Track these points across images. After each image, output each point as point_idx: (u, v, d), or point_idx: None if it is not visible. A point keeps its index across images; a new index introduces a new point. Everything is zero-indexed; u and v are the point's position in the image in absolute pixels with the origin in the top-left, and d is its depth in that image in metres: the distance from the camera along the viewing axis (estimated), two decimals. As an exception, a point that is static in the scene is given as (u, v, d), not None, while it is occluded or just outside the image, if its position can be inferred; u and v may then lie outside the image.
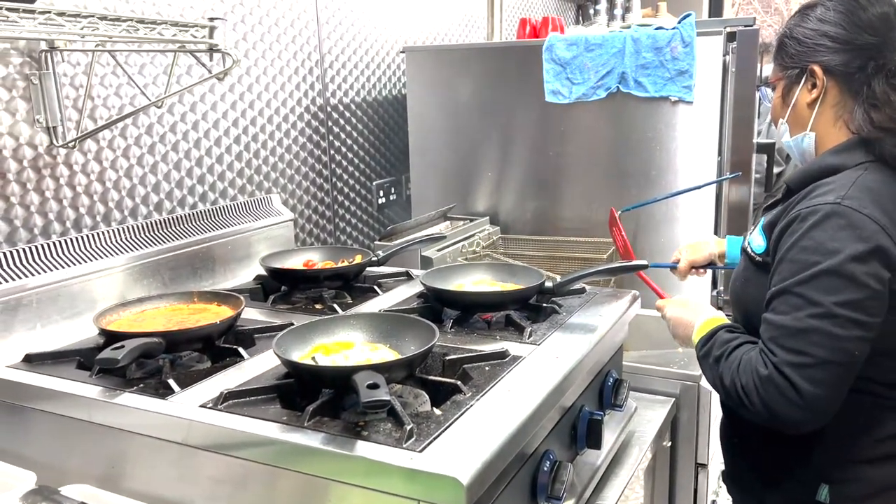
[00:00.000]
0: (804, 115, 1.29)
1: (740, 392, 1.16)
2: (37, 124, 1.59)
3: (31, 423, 1.30)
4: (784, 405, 1.11)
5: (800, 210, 1.17)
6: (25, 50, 1.56)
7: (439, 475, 0.95)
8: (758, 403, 1.14)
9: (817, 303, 1.10)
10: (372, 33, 2.65)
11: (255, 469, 1.09)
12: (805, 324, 1.11)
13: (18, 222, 1.58)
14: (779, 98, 1.33)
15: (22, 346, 1.42)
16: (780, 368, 1.11)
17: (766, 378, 1.12)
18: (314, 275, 1.75)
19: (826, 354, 1.09)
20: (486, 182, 2.58)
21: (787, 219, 1.19)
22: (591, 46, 2.28)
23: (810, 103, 1.28)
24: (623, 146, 2.35)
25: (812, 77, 1.26)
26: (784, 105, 1.32)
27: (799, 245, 1.14)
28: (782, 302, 1.14)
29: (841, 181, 1.18)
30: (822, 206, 1.14)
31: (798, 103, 1.29)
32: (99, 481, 1.21)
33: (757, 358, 1.16)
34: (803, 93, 1.28)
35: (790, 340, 1.11)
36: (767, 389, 1.12)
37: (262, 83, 2.19)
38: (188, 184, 1.97)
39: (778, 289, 1.15)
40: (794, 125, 1.32)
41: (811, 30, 1.26)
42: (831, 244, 1.11)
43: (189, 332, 1.34)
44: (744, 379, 1.16)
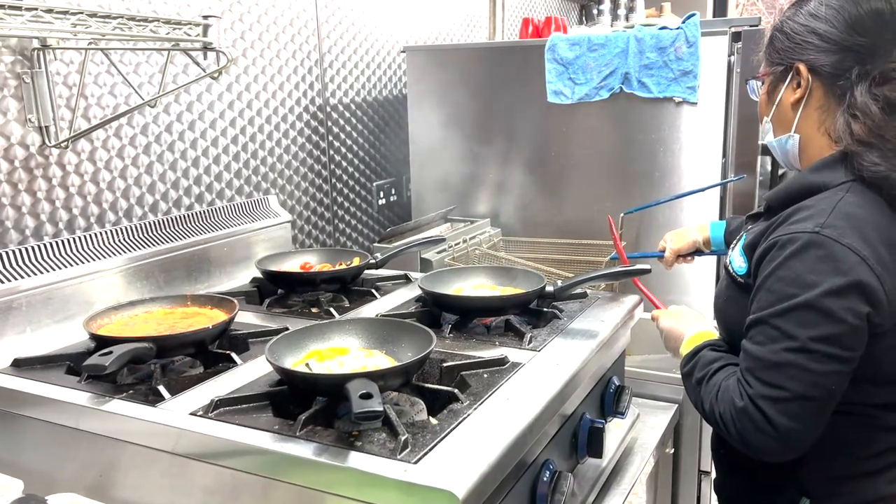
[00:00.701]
0: (788, 116, 1.23)
1: (718, 420, 1.15)
2: (29, 124, 1.57)
3: (18, 429, 1.27)
4: (758, 437, 1.09)
5: (779, 236, 1.12)
6: (17, 48, 1.53)
7: (434, 489, 0.92)
8: (734, 433, 1.12)
9: (793, 336, 1.07)
10: (372, 32, 2.62)
11: (246, 479, 1.06)
12: (781, 357, 1.07)
13: (10, 223, 1.55)
14: (765, 94, 1.28)
15: (11, 350, 1.39)
16: (755, 401, 1.08)
17: (741, 410, 1.10)
18: (311, 278, 1.72)
19: (802, 389, 1.06)
20: (487, 183, 2.55)
21: (767, 244, 1.14)
22: (594, 46, 2.25)
23: (794, 103, 1.21)
24: (626, 147, 2.32)
25: (797, 76, 1.20)
26: (769, 102, 1.26)
27: (776, 275, 1.10)
28: (759, 332, 1.11)
29: (821, 205, 1.12)
30: (801, 235, 1.09)
31: (783, 102, 1.23)
32: (87, 490, 1.18)
33: (735, 388, 1.13)
34: (788, 91, 1.22)
35: (766, 373, 1.09)
36: (742, 421, 1.10)
37: (261, 82, 2.16)
38: (184, 184, 1.94)
39: (755, 318, 1.12)
40: (778, 125, 1.26)
41: (801, 25, 1.19)
42: (809, 277, 1.07)
43: (181, 337, 1.31)
44: (721, 407, 1.14)
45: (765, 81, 1.27)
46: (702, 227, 1.77)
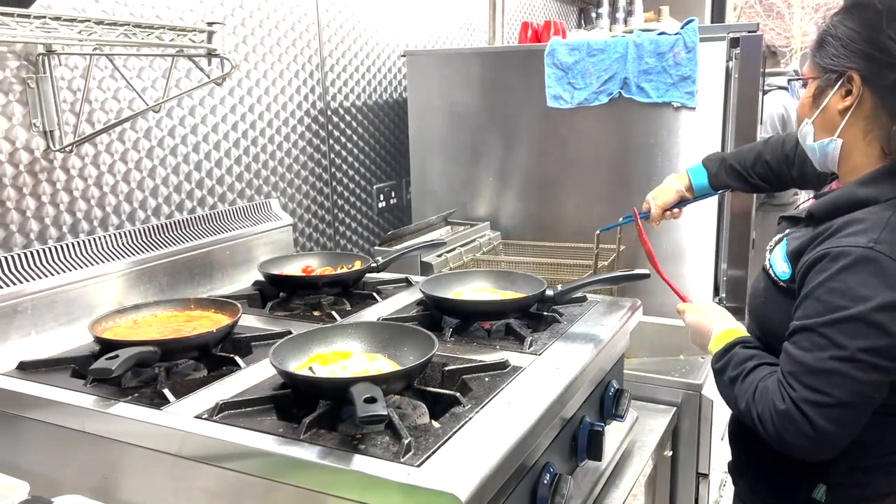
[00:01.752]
0: (834, 121, 1.22)
1: (755, 419, 1.18)
2: (34, 128, 1.58)
3: (24, 432, 1.28)
4: (798, 439, 1.12)
5: (830, 248, 1.14)
6: (22, 53, 1.54)
7: (437, 491, 0.93)
8: (772, 433, 1.15)
9: (841, 346, 1.10)
10: (373, 37, 2.64)
11: (250, 482, 1.07)
12: (827, 365, 1.11)
13: (14, 227, 1.56)
14: (809, 98, 1.26)
15: (16, 353, 1.40)
16: (798, 404, 1.12)
17: (783, 412, 1.13)
18: (313, 281, 1.73)
19: (845, 396, 1.10)
20: (487, 187, 2.57)
21: (816, 254, 1.15)
22: (593, 51, 2.27)
23: (842, 110, 1.20)
24: (625, 152, 2.33)
25: (849, 83, 1.18)
26: (814, 106, 1.25)
27: (827, 286, 1.12)
28: (805, 338, 1.14)
29: (872, 219, 1.14)
30: (854, 249, 1.11)
31: (829, 107, 1.22)
32: (92, 492, 1.19)
33: (775, 389, 1.16)
34: (836, 98, 1.21)
35: (810, 378, 1.12)
36: (783, 423, 1.13)
37: (263, 86, 2.18)
38: (186, 188, 1.95)
39: (802, 325, 1.15)
40: (821, 129, 1.25)
41: (856, 32, 1.17)
42: (861, 290, 1.10)
43: (185, 341, 1.32)
44: (760, 407, 1.17)
45: (809, 84, 1.25)
46: (680, 176, 1.81)
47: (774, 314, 1.26)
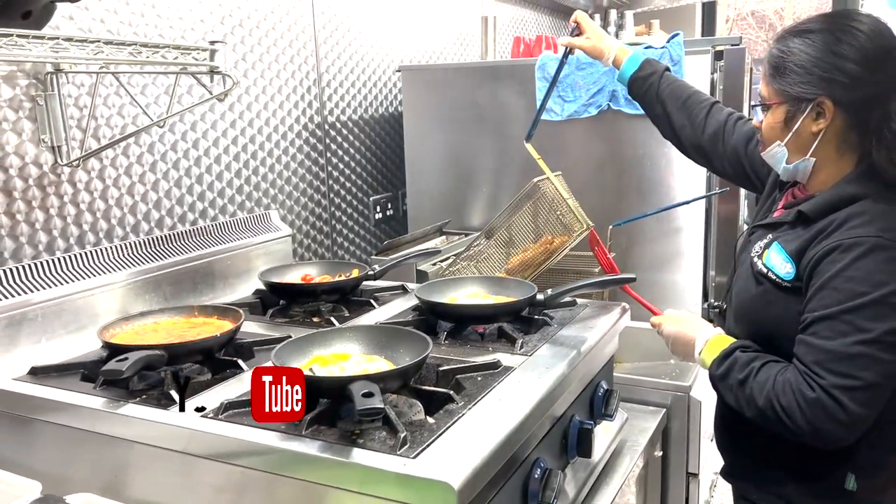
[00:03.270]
0: (807, 142, 1.29)
1: (780, 412, 1.20)
2: (42, 144, 1.64)
3: (36, 434, 1.33)
4: (831, 425, 1.16)
5: (840, 241, 1.20)
6: (31, 72, 1.61)
7: (431, 480, 0.98)
8: (802, 423, 1.18)
9: (866, 330, 1.16)
10: (368, 52, 2.71)
11: (254, 476, 1.12)
12: (853, 350, 1.16)
13: (24, 239, 1.62)
14: (780, 122, 1.30)
15: (28, 359, 1.46)
16: (829, 391, 1.16)
17: (813, 400, 1.17)
18: (312, 289, 1.79)
19: (874, 378, 1.16)
20: (480, 197, 2.63)
21: (825, 248, 1.21)
22: (582, 65, 2.34)
23: (815, 132, 1.27)
24: (614, 162, 2.40)
25: (819, 108, 1.25)
26: (785, 129, 1.30)
27: (844, 275, 1.18)
28: (826, 327, 1.18)
29: (873, 212, 1.22)
30: (867, 239, 1.19)
31: (801, 130, 1.28)
32: (102, 490, 1.24)
33: (799, 380, 1.19)
34: (807, 121, 1.27)
35: (838, 364, 1.16)
36: (815, 411, 1.17)
37: (261, 102, 2.24)
38: (188, 201, 2.02)
39: (821, 315, 1.19)
40: (794, 150, 1.31)
41: (817, 58, 1.24)
42: (878, 276, 1.17)
43: (190, 345, 1.38)
44: (784, 400, 1.20)
45: (774, 108, 1.30)
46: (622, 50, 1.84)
47: (779, 314, 1.29)
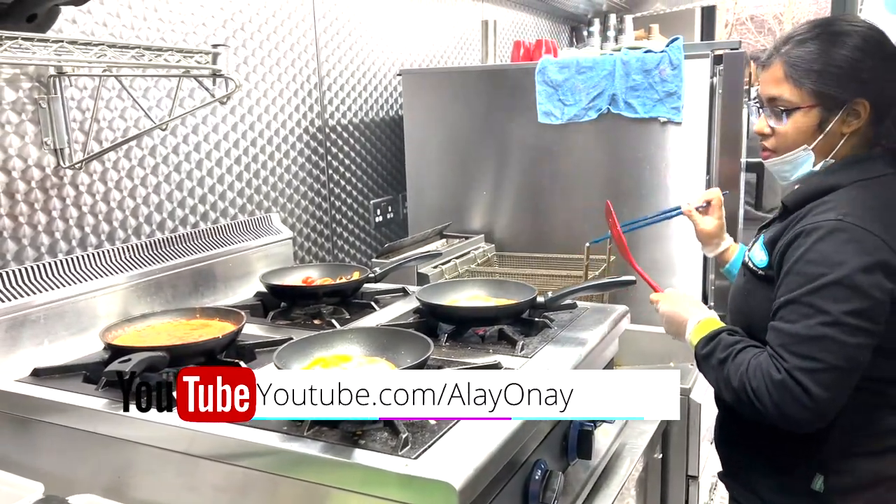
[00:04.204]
0: (833, 144, 1.30)
1: (750, 394, 1.22)
2: (45, 146, 1.65)
3: (39, 435, 1.34)
4: (795, 407, 1.17)
5: (804, 226, 1.23)
6: (34, 75, 1.62)
7: (433, 480, 0.99)
8: (769, 405, 1.19)
9: (826, 311, 1.17)
10: (369, 56, 2.72)
11: (256, 477, 1.13)
12: (815, 331, 1.17)
13: (26, 241, 1.63)
14: (810, 125, 1.30)
15: (30, 360, 1.46)
16: (792, 373, 1.17)
17: (778, 382, 1.18)
18: (313, 291, 1.80)
19: (835, 360, 1.16)
20: (481, 201, 2.64)
21: (791, 234, 1.24)
22: (582, 69, 2.35)
23: (844, 133, 1.29)
24: (614, 166, 2.41)
25: (855, 109, 1.27)
26: (816, 132, 1.30)
27: (805, 258, 1.20)
28: (791, 311, 1.20)
29: (839, 199, 1.24)
30: (826, 223, 1.21)
31: (832, 132, 1.29)
32: (105, 491, 1.24)
33: (768, 362, 1.21)
34: (839, 122, 1.28)
35: (801, 347, 1.18)
36: (780, 393, 1.18)
37: (263, 105, 2.25)
38: (190, 203, 2.02)
39: (786, 299, 1.21)
40: (820, 153, 1.32)
41: (861, 62, 1.25)
42: (837, 257, 1.18)
43: (192, 347, 1.38)
44: (754, 382, 1.21)
45: (799, 112, 1.29)
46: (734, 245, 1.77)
47: (756, 304, 1.32)
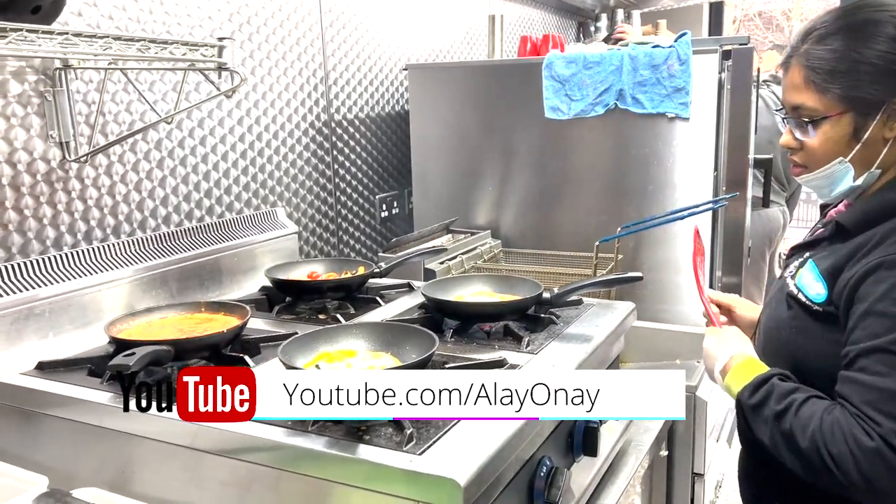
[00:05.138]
0: (875, 152, 1.13)
1: (828, 461, 1.02)
2: (50, 139, 1.64)
3: (43, 428, 1.34)
4: (891, 480, 0.99)
5: (883, 257, 1.05)
6: (40, 68, 1.61)
7: (438, 477, 0.98)
8: (855, 476, 1.00)
9: None
10: (375, 51, 2.71)
11: (260, 472, 1.12)
12: None
13: (31, 234, 1.63)
14: (843, 135, 1.13)
15: (35, 353, 1.46)
16: (889, 440, 0.98)
17: (871, 451, 0.99)
18: (318, 286, 1.79)
19: None
20: (487, 196, 2.63)
21: (865, 267, 1.05)
22: (589, 64, 2.33)
23: (887, 139, 1.12)
24: (621, 162, 2.40)
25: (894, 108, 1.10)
26: (852, 141, 1.13)
27: (892, 297, 1.02)
28: (877, 361, 1.01)
29: None
30: None
31: (871, 139, 1.12)
32: (109, 485, 1.24)
33: (851, 423, 1.01)
34: (879, 127, 1.11)
35: None
36: (873, 463, 0.98)
37: (268, 99, 2.25)
38: (195, 197, 2.02)
39: (870, 346, 1.02)
40: (860, 164, 1.14)
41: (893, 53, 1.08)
42: None
43: (197, 341, 1.38)
44: (834, 447, 1.01)
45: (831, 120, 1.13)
46: None
47: (810, 345, 1.14)
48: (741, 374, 1.16)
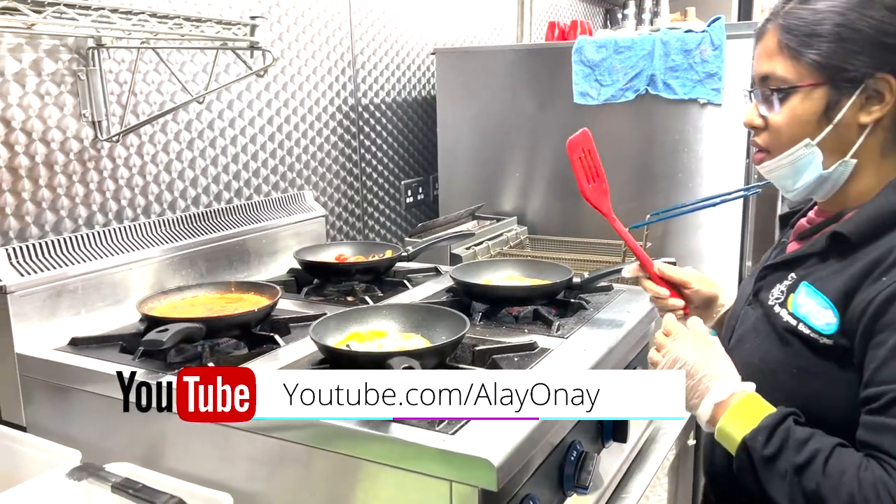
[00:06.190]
0: (849, 139, 0.98)
1: None
2: (83, 118, 1.65)
3: (76, 403, 1.35)
4: None
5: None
6: (74, 47, 1.62)
7: (471, 456, 0.98)
8: None
9: None
10: (403, 35, 2.70)
11: (292, 449, 1.13)
12: None
13: (64, 212, 1.64)
14: (812, 112, 0.98)
15: (68, 330, 1.47)
16: None
17: None
18: (346, 268, 1.79)
19: None
20: (513, 182, 2.62)
21: (888, 287, 0.89)
22: (620, 49, 2.31)
23: (864, 124, 0.97)
24: (650, 148, 2.37)
25: (875, 89, 0.95)
26: (822, 121, 0.98)
27: None
28: None
29: None
30: None
31: (844, 122, 0.97)
32: (140, 461, 1.25)
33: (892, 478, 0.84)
34: (854, 109, 0.96)
35: None
36: None
37: (297, 82, 2.24)
38: (224, 179, 2.02)
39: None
40: (831, 150, 0.99)
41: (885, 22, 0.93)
42: None
43: (228, 319, 1.38)
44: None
45: (799, 93, 0.98)
46: None
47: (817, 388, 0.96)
48: (746, 414, 0.94)
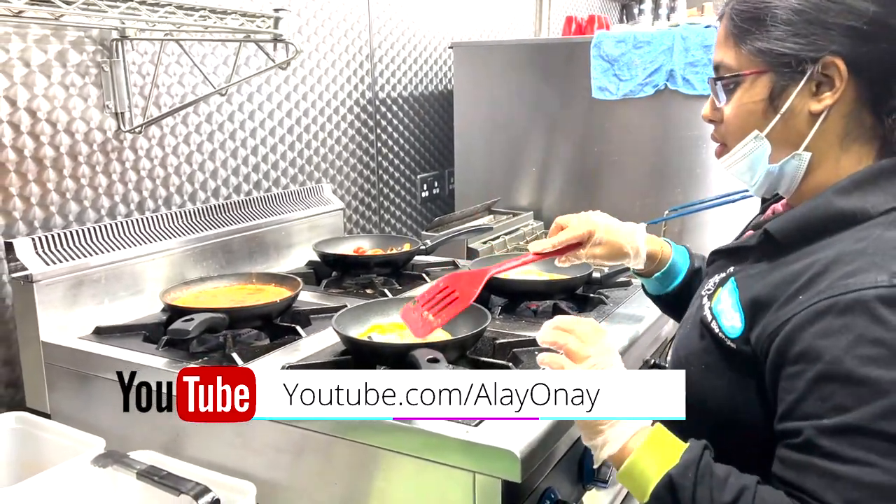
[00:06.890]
0: (800, 130, 0.88)
1: None
2: (106, 110, 1.67)
3: (100, 391, 1.37)
4: None
5: (831, 298, 0.77)
6: (98, 38, 1.63)
7: (496, 448, 0.98)
8: None
9: None
10: (421, 28, 2.70)
11: (314, 438, 1.14)
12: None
13: (87, 203, 1.65)
14: (758, 102, 0.89)
15: (91, 319, 1.49)
16: None
17: None
18: (366, 261, 1.80)
19: None
20: (529, 177, 2.61)
21: (807, 310, 0.78)
22: (639, 44, 2.30)
23: (816, 112, 0.87)
24: (668, 144, 2.36)
25: (825, 74, 0.85)
26: (769, 111, 0.89)
27: (854, 354, 0.74)
28: (854, 445, 0.74)
29: (876, 244, 0.80)
30: (871, 292, 0.75)
31: (794, 111, 0.88)
32: (163, 449, 1.26)
33: None
34: (803, 96, 0.87)
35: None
36: None
37: (315, 75, 2.25)
38: (244, 171, 2.04)
39: (837, 424, 0.74)
40: (781, 143, 0.90)
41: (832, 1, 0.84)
42: None
43: (251, 310, 1.40)
44: None
45: (747, 81, 0.90)
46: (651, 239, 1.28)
47: (718, 387, 0.90)
48: (662, 449, 0.84)
